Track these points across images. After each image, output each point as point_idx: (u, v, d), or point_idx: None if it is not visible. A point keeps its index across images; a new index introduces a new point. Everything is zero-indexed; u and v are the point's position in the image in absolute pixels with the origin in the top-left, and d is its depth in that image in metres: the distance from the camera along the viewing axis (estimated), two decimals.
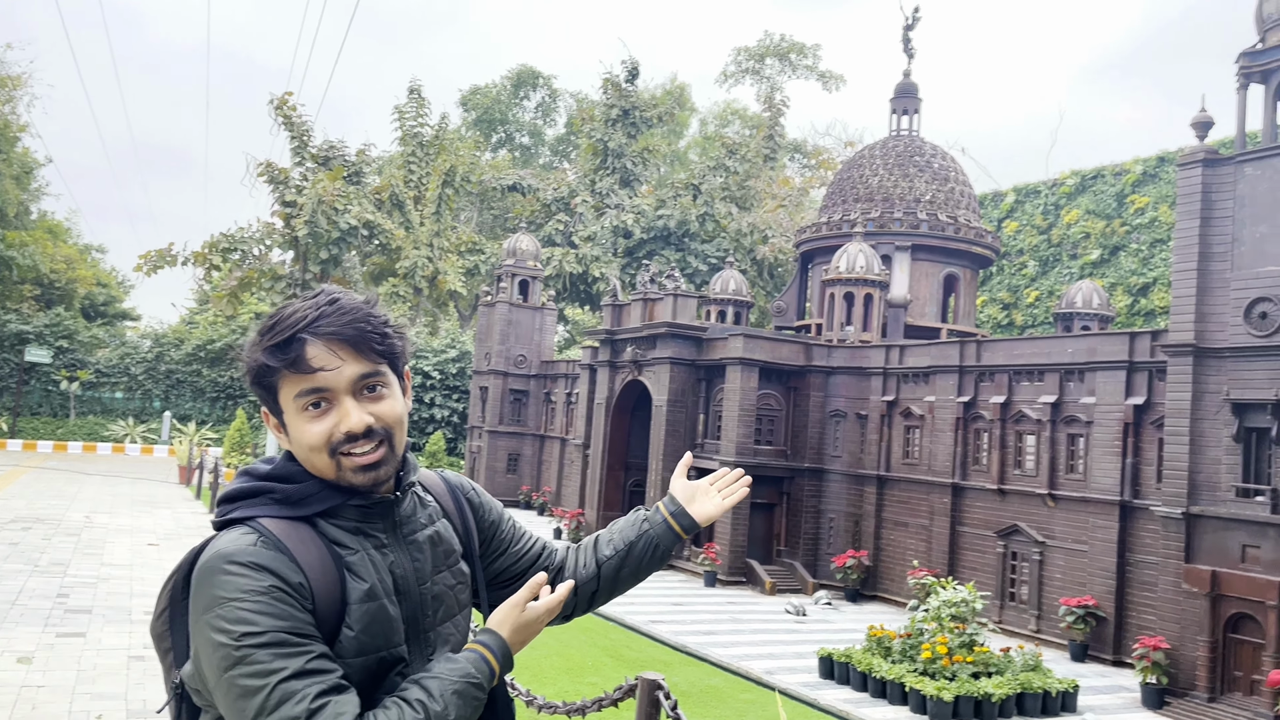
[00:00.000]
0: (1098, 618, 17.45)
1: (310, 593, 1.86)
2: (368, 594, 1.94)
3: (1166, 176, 32.88)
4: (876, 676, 13.84)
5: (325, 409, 1.97)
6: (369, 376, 2.00)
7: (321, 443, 1.96)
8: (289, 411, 1.99)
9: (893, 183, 28.29)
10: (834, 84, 66.26)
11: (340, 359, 1.96)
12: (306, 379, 1.95)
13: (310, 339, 1.95)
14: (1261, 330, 14.11)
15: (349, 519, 2.01)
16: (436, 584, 2.11)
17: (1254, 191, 14.47)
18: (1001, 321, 37.36)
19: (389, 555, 2.03)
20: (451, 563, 2.17)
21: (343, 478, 1.98)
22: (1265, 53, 14.78)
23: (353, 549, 1.98)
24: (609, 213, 48.75)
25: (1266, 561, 13.65)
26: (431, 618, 2.09)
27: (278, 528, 1.92)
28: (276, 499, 1.98)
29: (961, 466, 20.90)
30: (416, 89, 52.54)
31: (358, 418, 1.96)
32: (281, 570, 1.84)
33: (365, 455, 1.97)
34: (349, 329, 1.97)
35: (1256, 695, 13.49)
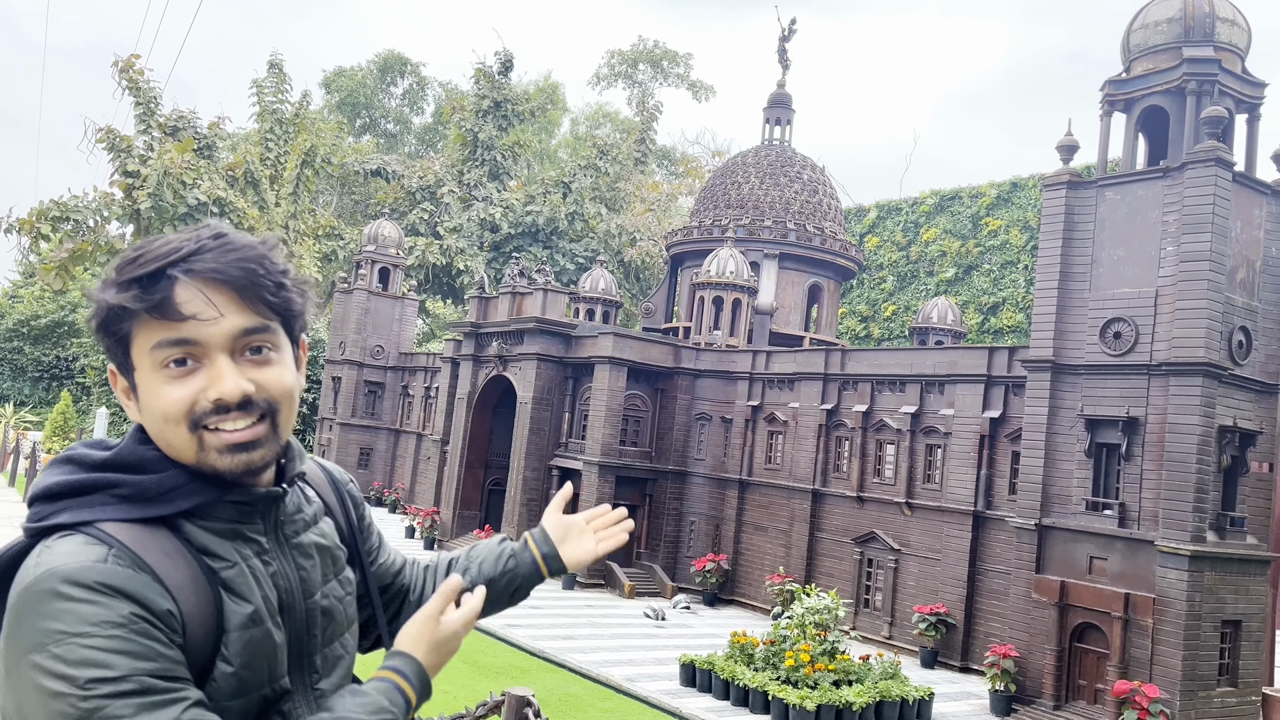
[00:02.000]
0: (948, 625, 17.81)
1: (181, 622, 1.43)
2: (251, 618, 1.53)
3: (1018, 201, 34.44)
4: (739, 684, 13.63)
5: (191, 369, 1.51)
6: (254, 333, 1.54)
7: (181, 411, 1.50)
8: (143, 370, 1.52)
9: (764, 191, 28.49)
10: (704, 94, 66.99)
11: (218, 308, 1.50)
12: (171, 327, 1.48)
13: (183, 277, 1.48)
14: (1115, 350, 14.63)
15: (222, 519, 1.57)
16: (325, 596, 1.71)
17: (1113, 215, 15.01)
18: (860, 333, 38.33)
19: (271, 564, 1.61)
20: (339, 569, 1.77)
21: (204, 460, 1.52)
22: (1129, 81, 15.37)
23: (228, 560, 1.54)
24: (476, 205, 47.65)
25: (1113, 573, 14.13)
26: (318, 637, 1.68)
27: (129, 535, 1.46)
28: (123, 495, 1.50)
29: (822, 473, 21.08)
30: (278, 64, 50.03)
31: (233, 382, 1.50)
32: (143, 594, 1.39)
33: (237, 431, 1.52)
34: (235, 268, 1.52)
35: (1100, 704, 13.93)
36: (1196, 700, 13.28)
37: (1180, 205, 14.15)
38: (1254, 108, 15.30)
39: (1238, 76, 14.99)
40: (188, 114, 46.59)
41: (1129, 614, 13.78)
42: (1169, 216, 14.34)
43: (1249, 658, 13.96)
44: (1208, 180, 13.93)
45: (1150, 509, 13.98)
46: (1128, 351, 14.49)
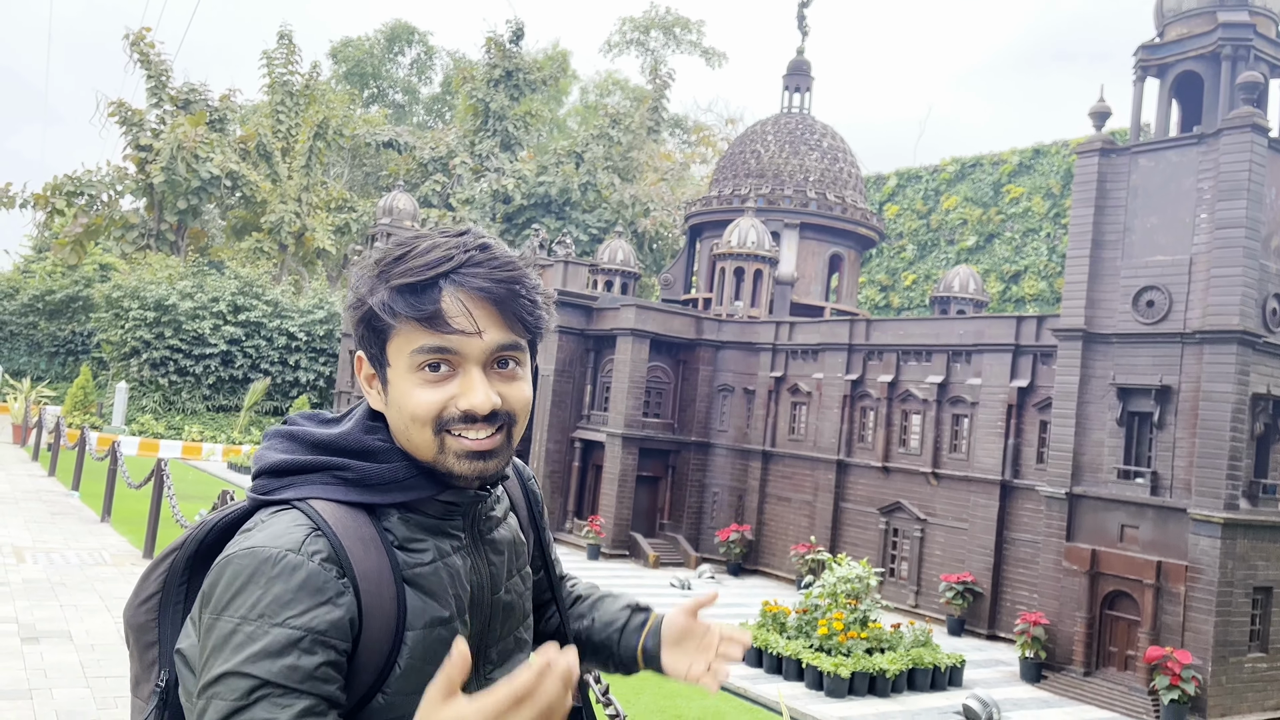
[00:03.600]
0: (975, 593, 17.89)
1: (357, 626, 1.44)
2: (437, 618, 1.54)
3: (1040, 168, 34.16)
4: (773, 652, 13.72)
5: (445, 375, 1.54)
6: (507, 349, 1.58)
7: (431, 414, 1.54)
8: (397, 367, 1.56)
9: (783, 160, 28.31)
10: (717, 61, 66.40)
11: (480, 323, 1.55)
12: (435, 336, 1.53)
13: (451, 288, 1.53)
14: (1148, 318, 14.57)
15: (430, 515, 1.59)
16: (509, 591, 1.72)
17: (1147, 183, 14.89)
18: (879, 303, 38.21)
19: (468, 560, 1.63)
20: (521, 565, 1.78)
21: (442, 462, 1.55)
22: (1163, 47, 15.19)
23: (424, 556, 1.56)
24: (488, 176, 47.45)
25: (1144, 541, 14.16)
26: (498, 631, 1.70)
27: (335, 516, 1.50)
28: (345, 478, 1.55)
29: (847, 444, 21.11)
30: (287, 35, 49.76)
31: (484, 395, 1.54)
32: (324, 595, 1.41)
33: (480, 440, 1.55)
34: (501, 288, 1.56)
35: (1131, 670, 14.02)
36: (1228, 666, 13.35)
37: (1215, 172, 14.03)
38: None
39: (1273, 41, 14.80)
40: (199, 87, 46.44)
41: (1161, 581, 13.82)
42: (1204, 183, 14.22)
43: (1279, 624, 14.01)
44: (1244, 146, 13.80)
45: (1183, 477, 13.98)
46: (1161, 320, 14.43)
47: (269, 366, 40.49)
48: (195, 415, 38.56)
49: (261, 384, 38.45)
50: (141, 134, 43.25)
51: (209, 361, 38.94)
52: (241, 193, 45.12)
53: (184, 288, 38.89)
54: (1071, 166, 22.27)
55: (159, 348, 38.02)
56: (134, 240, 44.29)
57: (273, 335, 40.52)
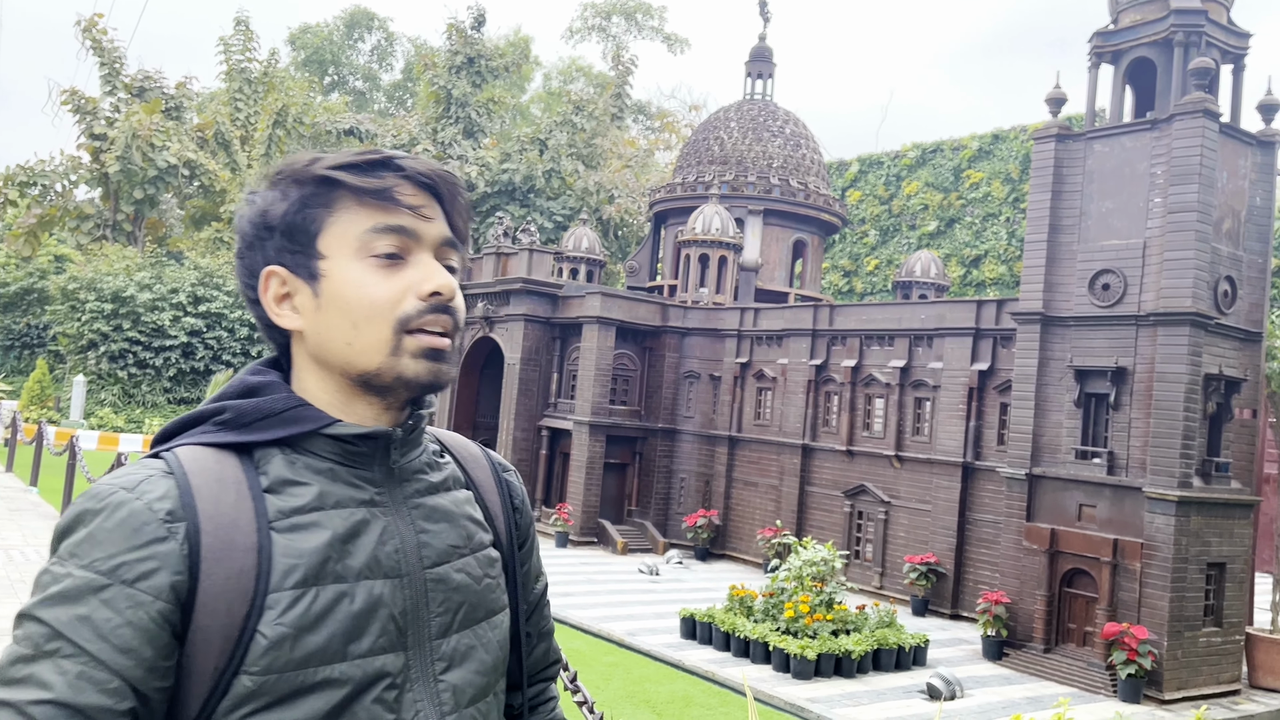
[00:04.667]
0: (938, 574, 18.18)
1: (186, 577, 1.21)
2: (315, 572, 1.27)
3: (999, 153, 34.54)
4: (740, 636, 13.87)
5: (400, 265, 1.37)
6: (454, 247, 1.44)
7: (389, 303, 1.35)
8: (340, 256, 1.36)
9: (746, 146, 28.40)
10: (679, 47, 66.38)
11: (431, 210, 1.41)
12: (390, 213, 1.36)
13: (395, 174, 1.38)
14: (1104, 301, 14.83)
15: (322, 455, 1.36)
16: (455, 571, 1.43)
17: (1102, 167, 15.13)
18: (843, 289, 38.49)
19: (381, 518, 1.37)
20: (475, 546, 1.49)
21: (393, 367, 1.35)
22: (1117, 33, 15.42)
23: (301, 498, 1.31)
24: (451, 163, 47.12)
25: (1101, 520, 14.46)
26: (446, 618, 1.41)
27: (194, 458, 1.30)
28: (221, 421, 1.35)
29: (812, 428, 21.30)
30: (244, 21, 49.03)
31: (447, 276, 1.39)
32: (141, 538, 1.21)
33: (439, 337, 1.37)
34: (447, 179, 1.43)
35: (1089, 646, 14.32)
36: (1183, 640, 13.69)
37: (1168, 157, 14.29)
38: (1239, 58, 15.40)
39: (1224, 27, 15.07)
40: (154, 74, 45.64)
41: (1117, 559, 14.13)
42: (1157, 168, 14.48)
43: (1233, 598, 14.37)
44: (1195, 131, 14.06)
45: (1138, 456, 14.28)
46: (1116, 303, 14.70)
47: (231, 358, 40.03)
48: (156, 408, 38.07)
49: (224, 376, 38.00)
50: (95, 123, 42.47)
51: (169, 354, 38.45)
52: (200, 182, 44.49)
53: (142, 279, 38.33)
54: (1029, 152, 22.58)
55: (117, 340, 37.46)
56: (90, 231, 43.52)
57: (235, 326, 40.07)
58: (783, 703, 11.98)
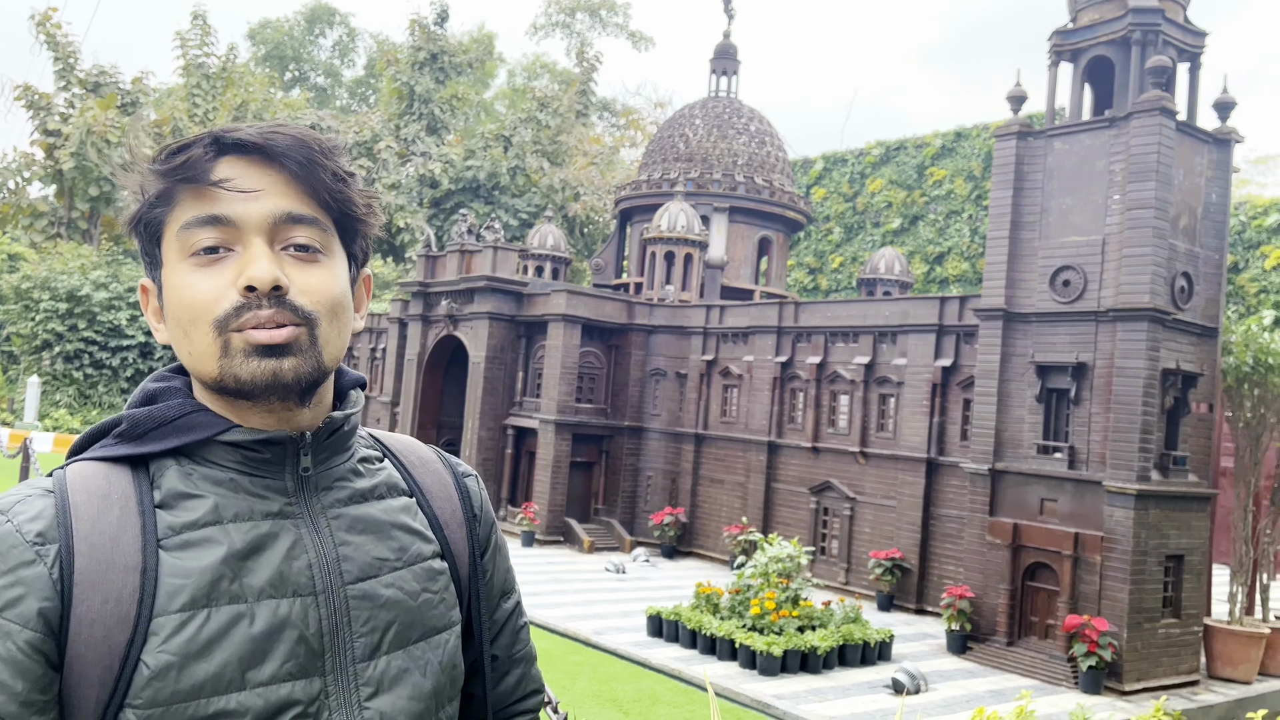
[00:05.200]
0: (903, 569, 18.28)
1: (56, 601, 1.13)
2: (206, 592, 1.18)
3: (962, 151, 34.84)
4: (706, 633, 13.86)
5: (222, 258, 1.24)
6: (301, 222, 1.27)
7: (207, 302, 1.23)
8: (169, 261, 1.27)
9: (711, 143, 28.41)
10: (644, 44, 66.33)
11: (262, 183, 1.25)
12: (204, 198, 1.23)
13: (225, 150, 1.25)
14: (1064, 297, 14.98)
15: (221, 464, 1.26)
16: (384, 586, 1.32)
17: (1062, 165, 15.28)
18: (808, 285, 38.65)
19: (291, 531, 1.27)
20: (411, 558, 1.37)
21: (227, 369, 1.23)
22: (1076, 32, 15.57)
23: (195, 512, 1.22)
24: (415, 160, 46.75)
25: (1063, 514, 14.61)
26: (372, 638, 1.29)
27: (82, 475, 1.23)
28: (120, 433, 1.28)
29: (777, 425, 21.35)
30: (201, 15, 48.28)
31: (265, 267, 1.22)
32: (7, 563, 1.12)
33: (266, 331, 1.22)
34: (286, 141, 1.26)
35: (1051, 639, 14.47)
36: (1142, 632, 13.86)
37: (1126, 154, 14.45)
38: (1195, 57, 15.61)
39: (1180, 26, 15.27)
40: (109, 69, 44.83)
41: (1078, 552, 14.28)
42: (1115, 165, 14.64)
43: (1191, 590, 14.58)
44: (1152, 129, 14.22)
45: (1098, 451, 14.44)
46: (1076, 299, 14.85)
47: None
48: (113, 409, 37.42)
49: None
50: (49, 118, 41.66)
51: (126, 353, 37.81)
52: None
53: (98, 278, 37.66)
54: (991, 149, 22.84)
55: (72, 340, 36.79)
56: (43, 229, 42.69)
57: None
58: (749, 699, 11.98)
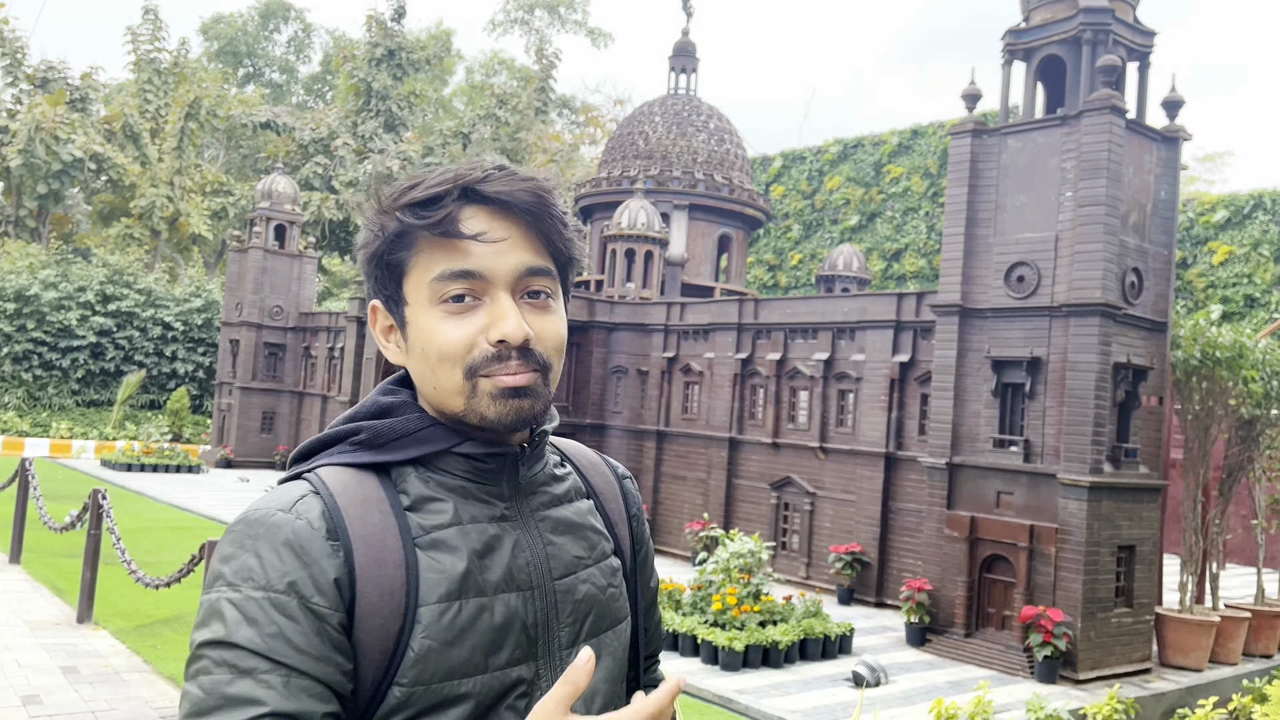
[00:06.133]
0: (863, 563, 18.46)
1: (348, 591, 1.27)
2: (458, 587, 1.33)
3: (918, 149, 35.22)
4: (669, 629, 13.89)
5: (471, 306, 1.38)
6: (538, 274, 1.41)
7: (460, 350, 1.37)
8: (416, 303, 1.40)
9: (671, 141, 28.46)
10: (603, 41, 66.27)
11: (505, 234, 1.39)
12: (455, 252, 1.37)
13: (472, 204, 1.38)
14: (1019, 293, 15.19)
15: (454, 473, 1.41)
16: (584, 581, 1.49)
17: (1016, 162, 15.49)
18: (768, 282, 38.87)
19: (511, 532, 1.42)
20: (598, 556, 1.54)
21: (473, 407, 1.38)
22: (1028, 31, 15.79)
23: (441, 515, 1.37)
24: (373, 157, 46.35)
25: (1018, 506, 14.83)
26: (574, 628, 1.46)
27: (337, 479, 1.36)
28: (358, 441, 1.41)
29: (738, 421, 21.46)
30: (153, 10, 47.48)
31: (516, 322, 1.37)
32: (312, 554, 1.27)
33: (513, 375, 1.37)
34: (526, 196, 1.40)
35: (1008, 630, 14.68)
36: (1096, 621, 14.11)
37: (1078, 152, 14.68)
38: (1144, 56, 15.90)
39: (1130, 26, 15.54)
40: (57, 65, 43.96)
41: (1034, 544, 14.50)
42: (1067, 163, 14.87)
43: (1143, 580, 14.87)
44: (1103, 127, 14.47)
45: (1052, 444, 14.67)
46: (1030, 294, 15.07)
47: (144, 358, 38.77)
48: (64, 411, 36.69)
49: (136, 377, 36.82)
50: None
51: (77, 354, 37.08)
52: (108, 176, 43.00)
53: (47, 277, 36.88)
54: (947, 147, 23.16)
55: (21, 341, 36.00)
56: None
57: (146, 325, 38.81)
58: (711, 695, 12.03)
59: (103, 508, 11.84)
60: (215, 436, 34.97)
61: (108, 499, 11.99)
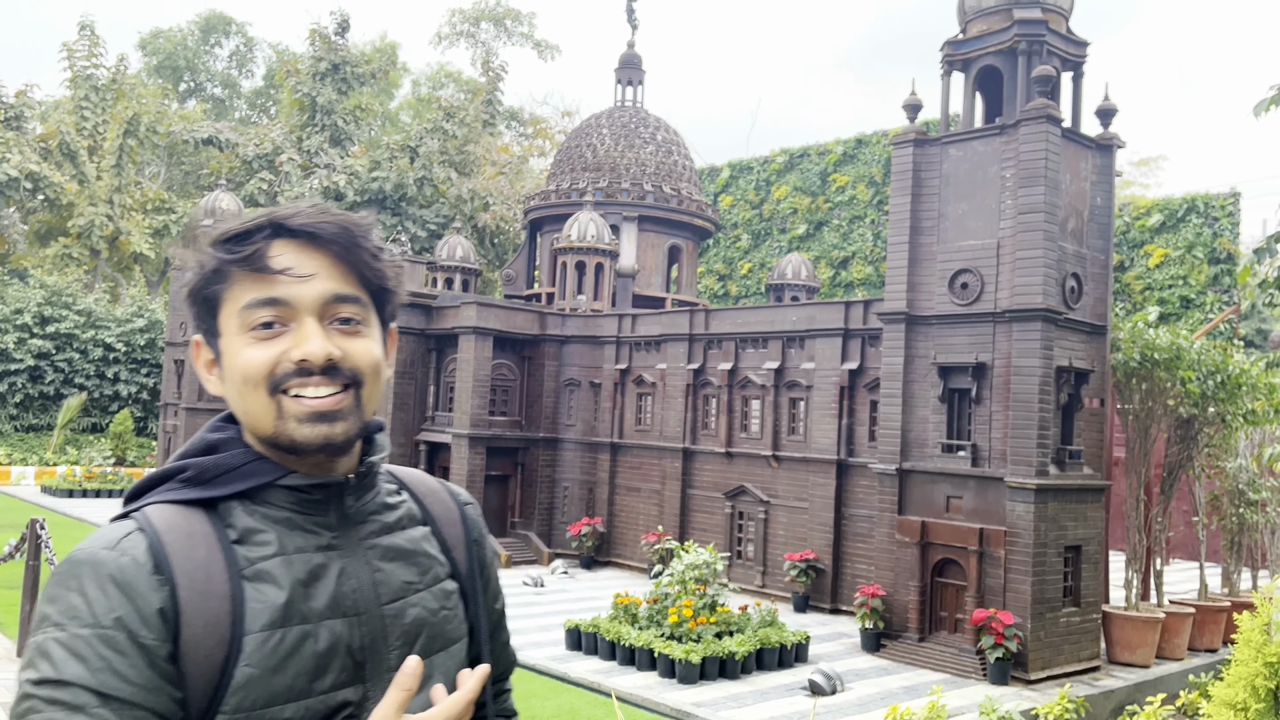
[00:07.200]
0: (818, 570, 18.58)
1: (173, 623, 1.32)
2: (281, 616, 1.39)
3: (863, 157, 35.66)
4: (625, 644, 13.86)
5: (277, 332, 1.46)
6: (346, 301, 1.49)
7: (262, 372, 1.44)
8: (228, 333, 1.48)
9: (619, 153, 28.51)
10: (549, 54, 66.17)
11: (312, 267, 1.46)
12: (262, 283, 1.44)
13: (279, 234, 1.46)
14: (963, 299, 15.43)
15: (279, 505, 1.47)
16: (415, 605, 1.54)
17: (956, 171, 15.75)
18: (718, 292, 39.05)
19: (337, 560, 1.48)
20: (431, 580, 1.60)
21: (282, 430, 1.44)
22: (965, 43, 16.08)
23: (267, 546, 1.43)
24: (318, 173, 45.80)
25: (967, 510, 15.03)
26: (404, 650, 1.50)
27: (163, 516, 1.41)
28: (186, 478, 1.47)
29: (691, 432, 21.51)
30: (89, 25, 46.55)
31: (319, 343, 1.45)
32: (135, 587, 1.32)
33: (320, 399, 1.44)
34: (333, 228, 1.48)
35: (960, 633, 14.86)
36: (1045, 621, 14.34)
37: (1016, 160, 14.97)
38: (1078, 66, 16.26)
39: (1063, 36, 15.89)
40: None
41: (983, 547, 14.70)
42: (1006, 171, 15.15)
43: (1089, 579, 15.15)
44: (1039, 136, 14.77)
45: (999, 448, 14.90)
46: (974, 301, 15.31)
47: (84, 381, 37.90)
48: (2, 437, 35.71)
49: (76, 400, 35.97)
50: None
51: (14, 378, 36.13)
52: (44, 195, 42.00)
53: None
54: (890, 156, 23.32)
55: None
56: None
57: (87, 347, 37.94)
58: (668, 709, 12.02)
59: (41, 538, 11.53)
60: (161, 459, 34.24)
61: (46, 529, 11.68)
